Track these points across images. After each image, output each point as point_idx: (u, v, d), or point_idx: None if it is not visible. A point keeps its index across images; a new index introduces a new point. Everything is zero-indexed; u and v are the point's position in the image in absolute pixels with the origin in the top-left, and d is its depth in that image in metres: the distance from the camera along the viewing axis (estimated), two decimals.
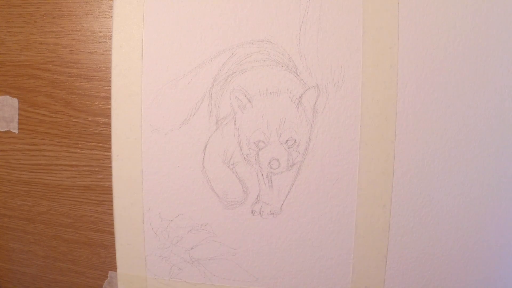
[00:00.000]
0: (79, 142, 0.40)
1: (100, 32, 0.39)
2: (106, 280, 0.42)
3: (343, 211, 0.35)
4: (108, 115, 0.39)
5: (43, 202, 0.42)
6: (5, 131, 0.42)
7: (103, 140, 0.40)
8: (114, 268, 0.40)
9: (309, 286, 0.37)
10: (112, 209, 0.39)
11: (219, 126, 0.36)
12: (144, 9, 0.36)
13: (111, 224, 0.40)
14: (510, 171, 0.33)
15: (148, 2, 0.36)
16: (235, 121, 0.36)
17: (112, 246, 0.40)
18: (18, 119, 0.41)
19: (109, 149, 0.38)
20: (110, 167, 0.38)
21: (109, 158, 0.39)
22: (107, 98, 0.39)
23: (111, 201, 0.39)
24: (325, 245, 0.36)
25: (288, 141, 0.35)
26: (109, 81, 0.38)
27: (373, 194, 0.34)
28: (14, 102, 0.41)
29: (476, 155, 0.33)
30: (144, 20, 0.36)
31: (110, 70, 0.37)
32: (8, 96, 0.41)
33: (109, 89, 0.38)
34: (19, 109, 0.41)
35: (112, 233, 0.40)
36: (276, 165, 0.35)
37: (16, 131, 0.42)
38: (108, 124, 0.38)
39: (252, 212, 0.36)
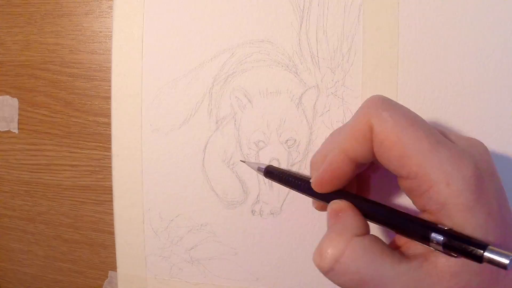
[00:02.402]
0: (79, 142, 0.40)
1: (100, 32, 0.39)
2: (106, 280, 0.42)
3: None
4: (108, 115, 0.39)
5: (43, 202, 0.42)
6: (5, 131, 0.42)
7: (103, 140, 0.40)
8: (114, 268, 0.40)
9: (309, 286, 0.37)
10: (112, 209, 0.39)
11: (219, 126, 0.36)
12: (144, 9, 0.36)
13: (111, 224, 0.40)
14: (511, 170, 0.33)
15: (148, 2, 0.36)
16: (235, 121, 0.36)
17: (112, 246, 0.40)
18: (18, 119, 0.41)
19: (109, 149, 0.38)
20: (110, 167, 0.38)
21: (109, 158, 0.39)
22: (107, 98, 0.39)
23: (111, 201, 0.39)
24: None
25: (288, 141, 0.35)
26: (109, 81, 0.38)
27: None
28: (14, 102, 0.41)
29: None
30: (144, 20, 0.36)
31: (110, 70, 0.37)
32: (8, 96, 0.41)
33: (109, 89, 0.38)
34: (19, 109, 0.41)
35: (112, 233, 0.40)
36: (276, 165, 0.35)
37: (16, 131, 0.42)
38: (108, 124, 0.38)
39: (252, 212, 0.36)
